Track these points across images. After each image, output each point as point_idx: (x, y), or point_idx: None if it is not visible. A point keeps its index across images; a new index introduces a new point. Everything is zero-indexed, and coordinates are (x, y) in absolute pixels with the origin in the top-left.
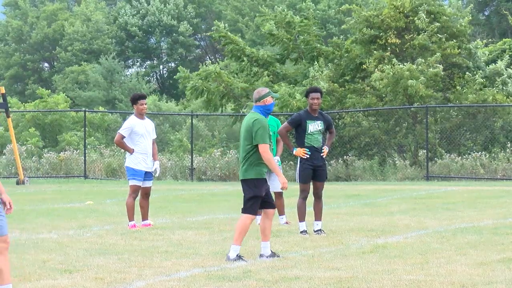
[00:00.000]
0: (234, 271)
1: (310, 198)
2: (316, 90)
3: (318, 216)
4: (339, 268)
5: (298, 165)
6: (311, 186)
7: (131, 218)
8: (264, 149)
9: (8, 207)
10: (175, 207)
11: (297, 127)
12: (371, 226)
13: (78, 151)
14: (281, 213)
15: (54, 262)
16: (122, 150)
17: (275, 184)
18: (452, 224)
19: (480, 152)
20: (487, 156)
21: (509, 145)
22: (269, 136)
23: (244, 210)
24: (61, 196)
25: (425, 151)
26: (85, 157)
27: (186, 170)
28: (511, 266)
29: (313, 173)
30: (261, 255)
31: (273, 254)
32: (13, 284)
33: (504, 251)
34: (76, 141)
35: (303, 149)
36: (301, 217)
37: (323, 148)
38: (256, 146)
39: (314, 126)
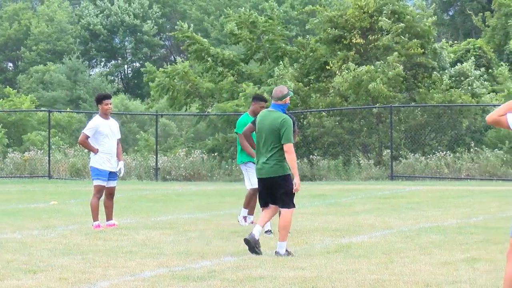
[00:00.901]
0: (199, 271)
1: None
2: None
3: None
4: (303, 268)
5: None
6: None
7: (95, 218)
8: (290, 148)
9: None
10: (140, 207)
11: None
12: (335, 225)
13: (42, 151)
14: (251, 212)
15: (18, 262)
16: (87, 150)
17: (254, 180)
18: (416, 223)
19: (444, 152)
20: (451, 156)
21: (473, 144)
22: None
23: (287, 205)
24: (26, 196)
25: (390, 150)
26: (49, 157)
27: (151, 170)
28: (475, 266)
29: None
30: (276, 252)
31: (288, 253)
32: None
33: (468, 251)
34: (41, 141)
35: None
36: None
37: None
38: (281, 144)
39: None
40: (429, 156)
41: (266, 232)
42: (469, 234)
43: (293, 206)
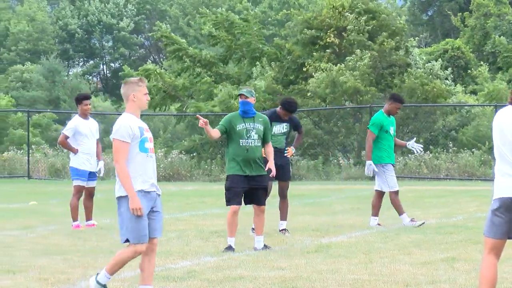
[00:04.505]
0: (179, 271)
1: (273, 199)
2: (292, 111)
3: (283, 216)
4: (283, 268)
5: None
6: (276, 186)
7: (75, 218)
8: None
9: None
10: None
11: None
12: (315, 225)
13: (22, 151)
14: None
15: None
16: (66, 150)
17: (393, 182)
18: (396, 223)
19: (423, 152)
20: (430, 156)
21: (451, 144)
22: None
23: (265, 203)
24: (4, 196)
25: None
26: (28, 156)
27: None
28: (454, 265)
29: (276, 173)
30: (254, 248)
31: (265, 247)
32: None
33: (448, 250)
34: (23, 140)
35: None
36: None
37: (286, 148)
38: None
39: (279, 128)
40: (408, 156)
41: (280, 231)
42: (449, 233)
43: None
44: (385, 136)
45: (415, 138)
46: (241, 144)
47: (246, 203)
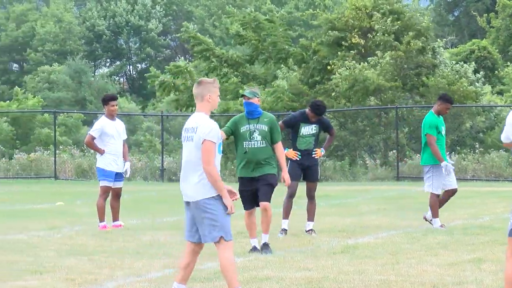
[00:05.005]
0: (205, 272)
1: (301, 199)
2: (320, 114)
3: (310, 217)
4: (310, 269)
5: (288, 163)
6: (302, 187)
7: (101, 219)
8: (281, 146)
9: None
10: (146, 208)
11: (290, 128)
12: (341, 226)
13: (49, 151)
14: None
15: (24, 263)
16: (93, 151)
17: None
18: (422, 224)
19: (449, 153)
20: (456, 157)
21: (477, 145)
22: None
23: (270, 200)
24: (31, 197)
25: (395, 151)
26: (55, 157)
27: (157, 171)
28: (481, 266)
29: (304, 173)
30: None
31: (265, 245)
32: None
33: (474, 251)
34: (50, 139)
35: (294, 151)
36: (285, 215)
37: (315, 150)
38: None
39: (307, 130)
40: None
41: (307, 231)
42: (475, 234)
43: None
44: (438, 137)
45: (454, 162)
46: (244, 146)
47: None
